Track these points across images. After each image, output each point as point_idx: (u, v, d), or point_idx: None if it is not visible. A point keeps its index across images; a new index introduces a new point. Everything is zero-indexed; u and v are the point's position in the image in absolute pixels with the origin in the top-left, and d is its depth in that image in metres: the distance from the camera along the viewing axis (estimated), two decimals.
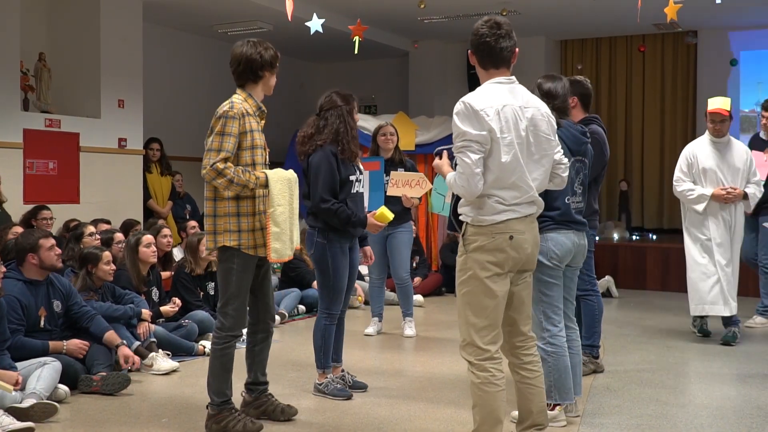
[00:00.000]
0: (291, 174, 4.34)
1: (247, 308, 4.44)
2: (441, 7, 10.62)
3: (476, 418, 3.62)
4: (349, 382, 5.19)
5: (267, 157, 4.44)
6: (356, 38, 7.56)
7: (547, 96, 4.38)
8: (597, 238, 5.67)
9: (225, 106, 4.22)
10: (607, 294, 9.79)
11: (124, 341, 5.47)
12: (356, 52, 7.77)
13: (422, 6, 9.44)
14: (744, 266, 7.25)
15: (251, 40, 4.41)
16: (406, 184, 6.66)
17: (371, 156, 6.90)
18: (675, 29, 12.42)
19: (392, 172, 6.69)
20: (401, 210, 6.81)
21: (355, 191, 5.02)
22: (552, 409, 4.31)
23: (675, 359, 6.18)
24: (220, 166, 4.09)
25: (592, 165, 5.24)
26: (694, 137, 13.04)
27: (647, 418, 4.64)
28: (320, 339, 5.05)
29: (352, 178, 4.97)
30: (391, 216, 5.07)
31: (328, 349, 5.07)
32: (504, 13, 10.64)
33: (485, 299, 3.58)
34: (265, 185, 4.19)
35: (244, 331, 4.55)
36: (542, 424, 3.80)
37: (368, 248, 5.69)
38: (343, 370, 5.24)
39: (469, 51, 3.73)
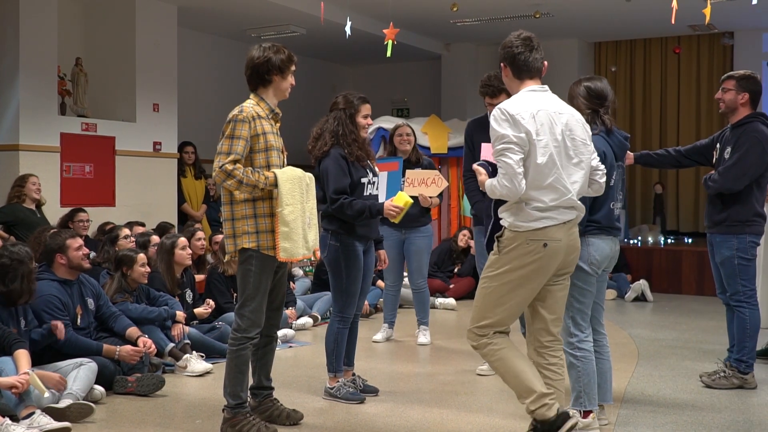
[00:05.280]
0: (302, 173, 4.31)
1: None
2: (473, 10, 10.60)
3: (511, 386, 3.79)
4: (360, 386, 5.15)
5: (284, 159, 4.44)
6: (389, 41, 7.56)
7: (599, 97, 4.33)
8: (757, 243, 5.31)
9: (235, 111, 4.26)
10: (642, 298, 9.72)
11: (144, 334, 5.52)
12: (389, 55, 7.78)
13: (454, 9, 9.42)
14: None
15: (263, 44, 4.39)
16: (421, 183, 6.41)
17: (389, 156, 6.69)
18: (711, 30, 12.28)
19: (407, 171, 6.40)
20: (419, 211, 6.59)
21: (368, 194, 4.95)
22: (585, 417, 4.25)
23: (711, 364, 6.10)
24: (229, 167, 4.11)
25: (752, 164, 5.14)
26: None
27: (682, 423, 4.58)
28: (332, 343, 5.00)
29: (364, 180, 4.92)
30: (409, 198, 4.86)
31: (340, 353, 5.03)
32: (537, 16, 10.59)
33: (502, 299, 3.72)
34: (275, 184, 4.19)
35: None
36: None
37: (383, 252, 5.48)
38: (354, 374, 5.20)
39: (501, 64, 3.88)
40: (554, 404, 3.73)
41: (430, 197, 6.47)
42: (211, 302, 6.60)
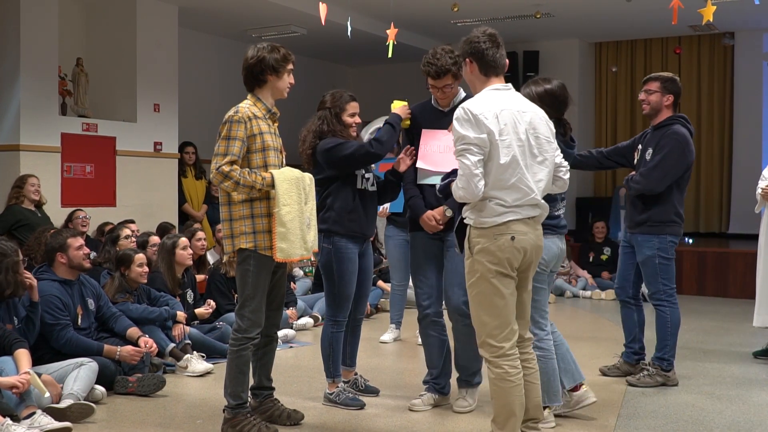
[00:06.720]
0: (300, 173, 4.31)
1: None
2: (474, 10, 10.59)
3: (494, 409, 3.75)
4: (361, 386, 5.14)
5: (283, 159, 4.44)
6: (391, 42, 7.57)
7: (563, 105, 4.42)
8: (676, 243, 5.59)
9: (230, 111, 4.25)
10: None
11: (145, 334, 5.52)
12: (390, 55, 7.78)
13: (455, 9, 9.42)
14: None
15: (259, 45, 4.37)
16: None
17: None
18: (711, 31, 12.27)
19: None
20: None
21: (362, 187, 4.87)
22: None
23: (711, 365, 6.11)
24: (226, 168, 4.11)
25: (673, 166, 5.18)
26: (731, 140, 12.99)
27: (683, 423, 4.59)
28: (328, 347, 4.92)
29: (357, 173, 4.88)
30: (401, 101, 4.90)
31: (336, 358, 4.95)
32: (538, 16, 10.60)
33: (495, 299, 3.68)
34: (272, 185, 4.19)
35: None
36: (538, 418, 3.88)
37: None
38: (356, 374, 5.19)
39: (467, 60, 3.85)
40: None
41: None
42: (212, 302, 6.61)
